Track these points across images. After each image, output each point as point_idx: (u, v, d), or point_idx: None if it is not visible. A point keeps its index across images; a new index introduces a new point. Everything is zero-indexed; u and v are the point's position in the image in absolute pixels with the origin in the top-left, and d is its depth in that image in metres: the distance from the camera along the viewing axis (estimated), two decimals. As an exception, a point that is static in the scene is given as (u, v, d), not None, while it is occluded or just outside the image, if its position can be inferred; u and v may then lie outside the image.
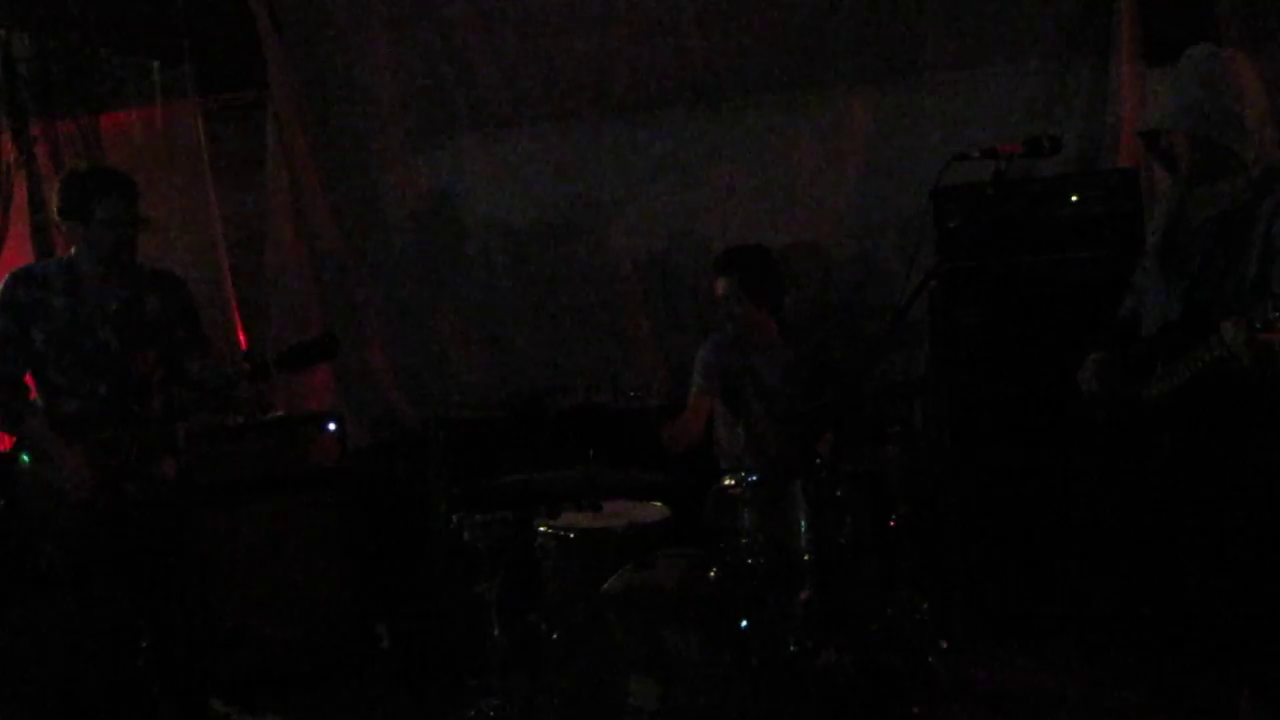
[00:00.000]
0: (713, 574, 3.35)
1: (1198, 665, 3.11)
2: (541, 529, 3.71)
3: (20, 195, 5.31)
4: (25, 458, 3.44)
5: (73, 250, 3.47)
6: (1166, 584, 2.91)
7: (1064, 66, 4.50)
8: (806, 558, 3.32)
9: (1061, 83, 4.52)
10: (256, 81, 5.29)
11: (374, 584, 4.69)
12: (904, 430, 3.59)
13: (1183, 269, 2.79)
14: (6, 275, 3.49)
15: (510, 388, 5.19)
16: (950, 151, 2.84)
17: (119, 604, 3.51)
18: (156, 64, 5.32)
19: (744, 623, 3.20)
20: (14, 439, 3.53)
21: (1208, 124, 2.72)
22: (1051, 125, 4.40)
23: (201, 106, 5.33)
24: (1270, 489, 2.68)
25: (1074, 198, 4.06)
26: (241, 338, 5.34)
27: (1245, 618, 2.78)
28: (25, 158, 5.35)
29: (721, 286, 4.04)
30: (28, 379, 3.48)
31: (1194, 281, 2.73)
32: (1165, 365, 2.73)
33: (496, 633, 3.64)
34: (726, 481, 3.45)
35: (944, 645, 3.82)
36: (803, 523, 3.30)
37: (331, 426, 4.66)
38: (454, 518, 3.67)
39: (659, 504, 3.86)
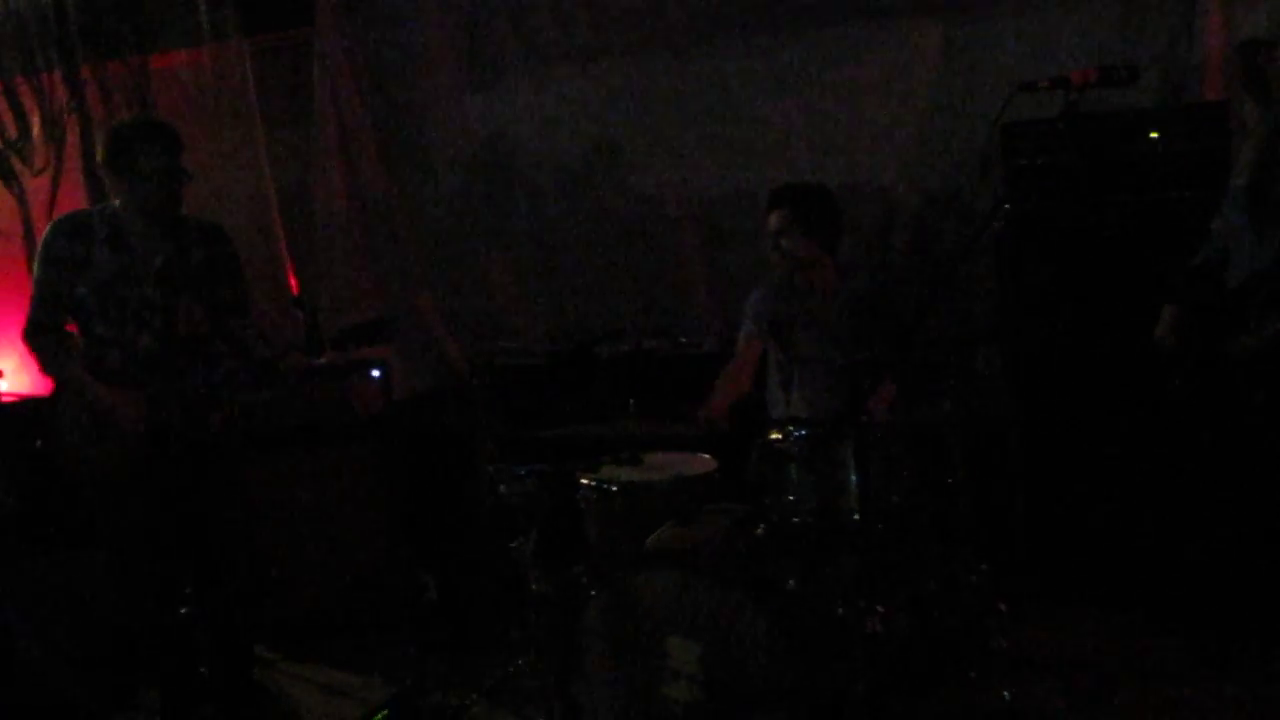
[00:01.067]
0: (759, 531, 3.23)
1: (1272, 634, 2.93)
2: (584, 481, 3.61)
3: (73, 138, 5.37)
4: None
5: (116, 201, 3.41)
6: (1243, 553, 2.71)
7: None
8: (857, 517, 3.16)
9: (1143, 9, 4.24)
10: (303, 20, 5.21)
11: (421, 534, 4.66)
12: (964, 383, 3.39)
13: (1276, 213, 2.56)
14: (50, 224, 3.45)
15: (560, 333, 5.12)
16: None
17: (159, 549, 3.49)
18: (203, 4, 5.26)
19: (790, 584, 3.07)
20: (55, 385, 3.51)
21: None
22: (1131, 56, 4.15)
23: (249, 46, 5.28)
24: None
25: (1154, 134, 3.78)
26: (292, 280, 5.31)
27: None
28: (76, 101, 5.39)
29: (774, 220, 3.83)
30: (71, 328, 3.45)
31: None
32: (1258, 319, 2.51)
33: (534, 587, 3.59)
34: (774, 435, 3.29)
35: (1002, 609, 3.67)
36: (853, 479, 3.14)
37: (376, 374, 4.60)
38: (491, 469, 3.60)
39: (706, 456, 3.74)
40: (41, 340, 3.39)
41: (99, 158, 3.42)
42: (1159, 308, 2.87)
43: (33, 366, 3.50)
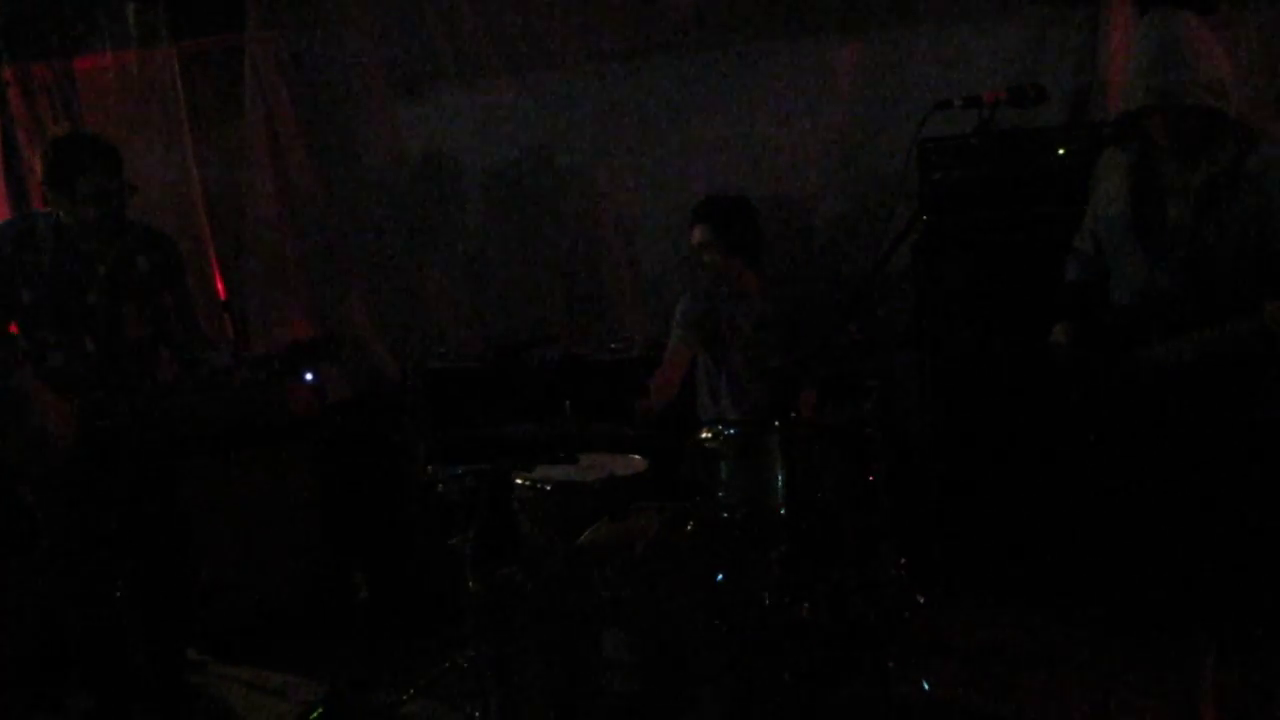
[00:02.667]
0: (689, 527, 3.34)
1: (1172, 624, 3.11)
2: (518, 481, 3.69)
3: (-7, 139, 5.25)
4: None
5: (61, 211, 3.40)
6: (1144, 544, 2.89)
7: (1054, 16, 4.43)
8: (783, 512, 3.29)
9: (1051, 33, 4.45)
10: (234, 25, 5.17)
11: (353, 535, 4.68)
12: (883, 385, 3.55)
13: (1168, 239, 2.73)
14: None
15: (491, 339, 5.16)
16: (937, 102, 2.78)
17: (96, 551, 3.50)
18: (133, 6, 5.21)
19: (719, 576, 3.18)
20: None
21: (1197, 92, 2.62)
22: (1041, 76, 4.35)
23: (178, 51, 5.23)
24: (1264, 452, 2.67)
25: (1060, 150, 4.00)
26: (219, 285, 5.29)
27: (1221, 580, 2.78)
28: (-1, 103, 5.28)
29: (697, 234, 3.98)
30: (14, 330, 3.44)
31: (1188, 250, 2.68)
32: (1167, 334, 2.68)
33: (471, 584, 3.65)
34: (703, 434, 3.42)
35: (920, 601, 3.84)
36: (780, 477, 3.27)
37: (309, 377, 4.60)
38: (429, 469, 3.66)
39: (637, 456, 3.85)
40: None
41: (39, 173, 3.41)
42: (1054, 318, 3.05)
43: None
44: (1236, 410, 2.66)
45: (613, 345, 5.00)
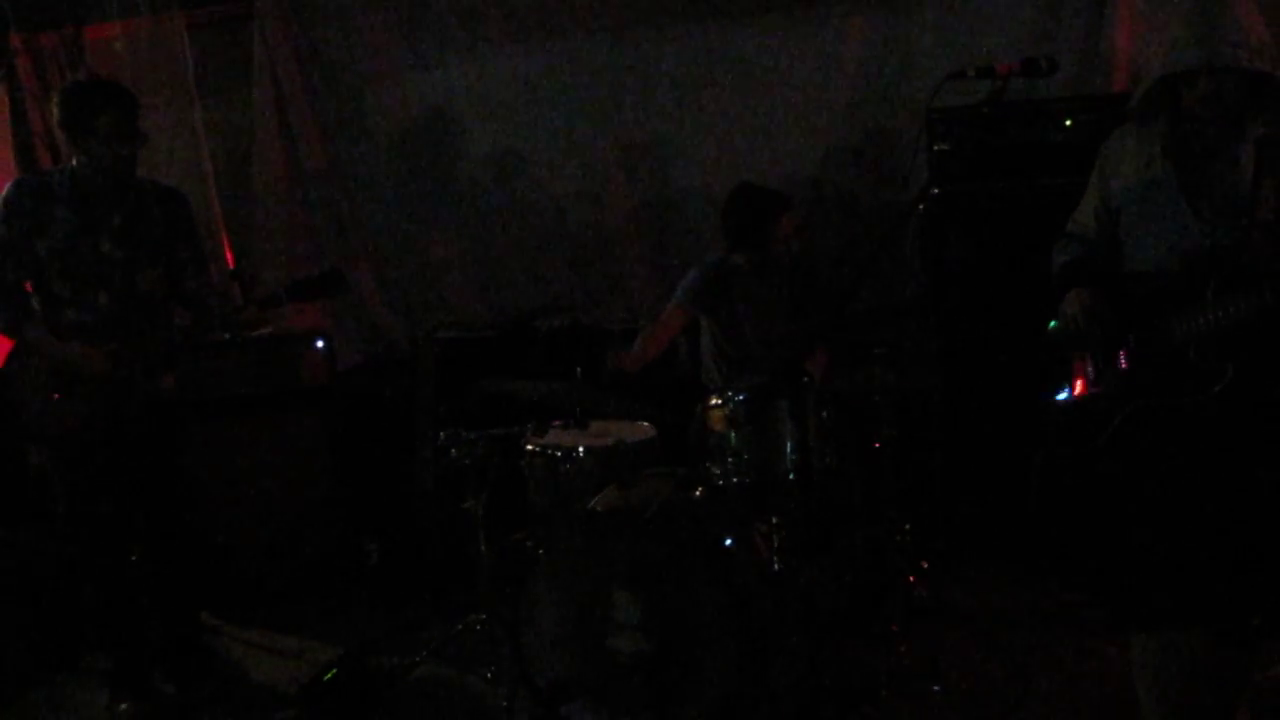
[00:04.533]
0: (698, 492, 3.39)
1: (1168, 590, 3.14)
2: (529, 447, 3.73)
3: (2, 109, 5.24)
4: None
5: (74, 162, 3.43)
6: (1144, 513, 2.91)
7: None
8: (791, 477, 3.34)
9: (1059, 5, 4.46)
10: (243, -8, 5.20)
11: (363, 500, 4.74)
12: (890, 353, 3.60)
13: (1222, 203, 2.67)
14: (9, 183, 3.47)
15: (498, 308, 5.19)
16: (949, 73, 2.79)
17: (111, 516, 3.55)
18: (143, -26, 5.22)
19: (727, 541, 3.24)
20: (12, 345, 3.53)
21: (1233, 56, 2.59)
22: (1049, 49, 4.37)
23: (187, 18, 5.24)
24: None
25: (1068, 122, 4.03)
26: (228, 253, 5.32)
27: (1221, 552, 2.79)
28: (6, 71, 5.28)
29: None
30: (28, 288, 3.48)
31: (1234, 216, 2.64)
32: (1215, 300, 2.61)
33: (483, 548, 3.71)
34: (713, 401, 3.46)
35: (924, 565, 3.89)
36: (788, 443, 3.32)
37: (320, 344, 4.66)
38: (441, 434, 3.71)
39: (646, 423, 3.89)
40: None
41: (53, 119, 3.44)
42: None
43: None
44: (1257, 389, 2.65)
45: (621, 314, 5.03)
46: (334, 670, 3.50)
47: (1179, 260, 2.74)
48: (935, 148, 4.15)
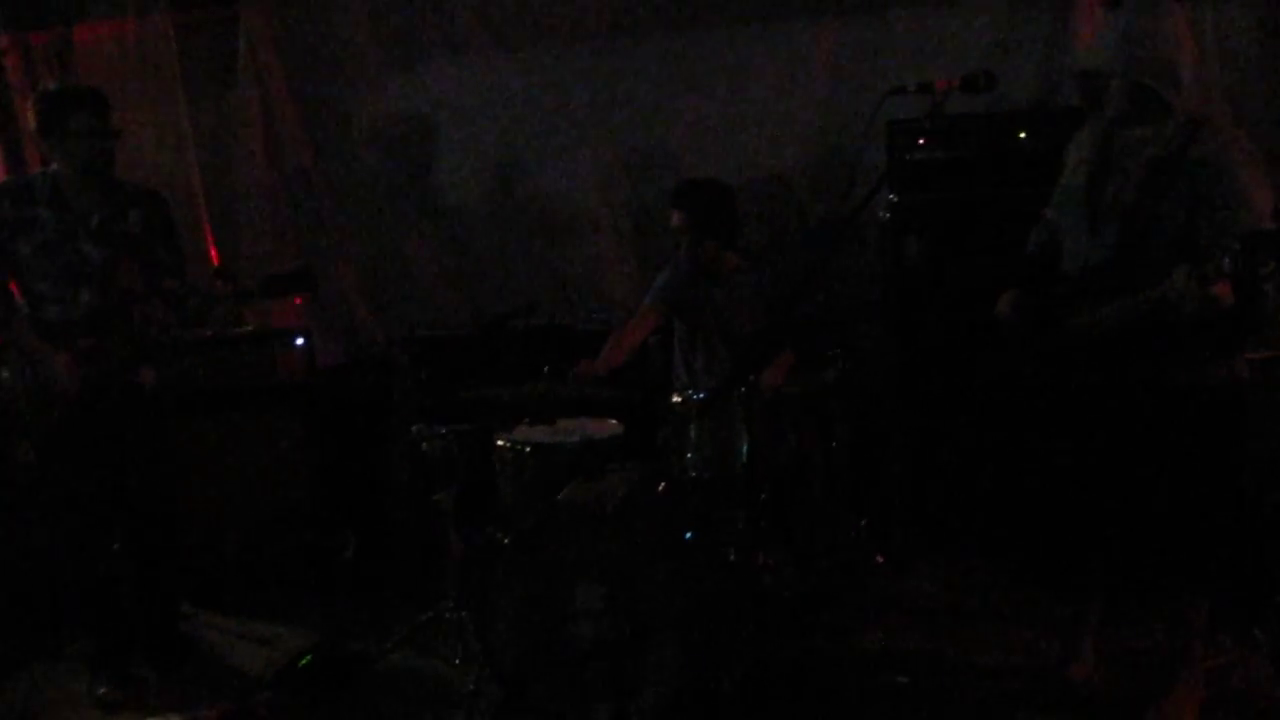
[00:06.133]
0: (660, 487, 3.51)
1: (1122, 579, 3.28)
2: (499, 442, 3.85)
3: (-9, 108, 5.34)
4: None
5: (53, 165, 3.55)
6: (1088, 503, 3.07)
7: (1026, 3, 4.57)
8: (746, 474, 3.46)
9: (1022, 17, 4.59)
10: (230, -3, 5.30)
11: (339, 493, 4.84)
12: (846, 354, 3.72)
13: (1109, 212, 2.89)
14: None
15: (476, 308, 5.30)
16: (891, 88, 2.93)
17: (93, 505, 3.65)
18: (130, -25, 5.31)
19: (688, 534, 3.36)
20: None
21: (1145, 71, 2.77)
22: (1012, 60, 4.53)
23: (173, 20, 5.33)
24: (1179, 414, 2.84)
25: (1022, 134, 4.17)
26: (212, 251, 5.42)
27: (1158, 537, 2.96)
28: (-5, 71, 5.37)
29: (675, 219, 4.12)
30: (12, 287, 3.58)
31: (1124, 225, 2.83)
32: (1095, 304, 2.82)
33: (452, 540, 3.83)
34: (675, 399, 3.59)
35: (879, 560, 4.03)
36: (743, 441, 3.44)
37: (300, 342, 4.77)
38: (414, 429, 3.82)
39: (613, 421, 4.01)
40: None
41: (31, 125, 3.55)
42: (1001, 289, 3.20)
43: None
44: (1152, 377, 2.83)
45: (595, 316, 5.14)
46: (308, 656, 3.60)
47: (1077, 267, 2.93)
48: (896, 157, 4.28)
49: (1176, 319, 2.62)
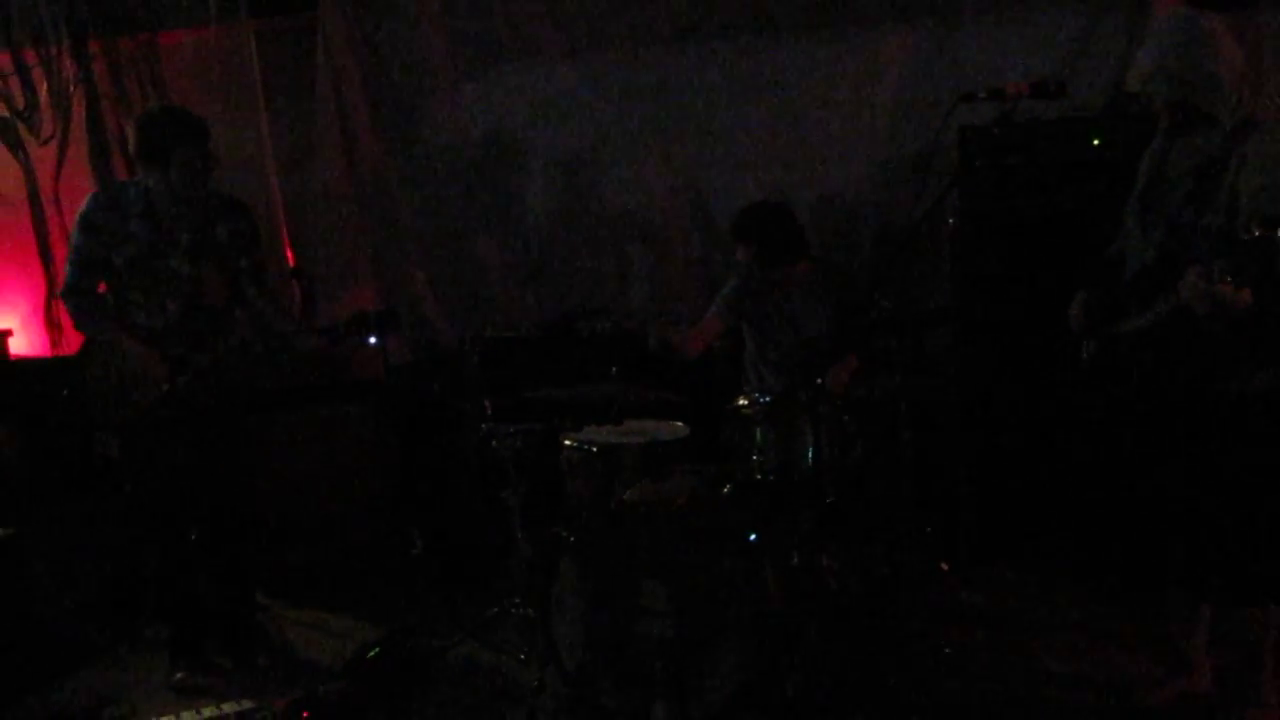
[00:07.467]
0: (725, 489, 3.53)
1: (1180, 589, 3.25)
2: (566, 442, 3.90)
3: (79, 113, 5.47)
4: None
5: (149, 179, 3.65)
6: (1146, 513, 3.04)
7: (1101, 9, 4.54)
8: (812, 477, 3.47)
9: (1095, 24, 4.56)
10: (308, 5, 5.39)
11: (410, 490, 4.93)
12: (913, 360, 3.72)
13: (1158, 218, 2.88)
14: (89, 196, 3.71)
15: (545, 310, 5.36)
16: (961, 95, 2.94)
17: (172, 498, 3.78)
18: (214, -16, 5.46)
19: (752, 536, 3.38)
20: (80, 340, 3.78)
21: (1186, 89, 2.76)
22: (1084, 68, 4.50)
23: (254, 28, 5.46)
24: (1226, 423, 2.82)
25: (1096, 140, 4.12)
26: (289, 255, 5.54)
27: (1210, 545, 2.93)
28: (84, 75, 5.51)
29: (740, 252, 4.13)
30: (101, 288, 3.73)
31: (1168, 230, 2.83)
32: (1138, 308, 2.84)
33: (520, 537, 3.88)
34: (741, 402, 3.62)
35: (943, 568, 4.01)
36: (808, 445, 3.45)
37: (373, 341, 4.84)
38: (484, 427, 3.88)
39: (679, 423, 4.04)
40: (77, 300, 3.68)
41: (131, 148, 3.67)
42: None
43: (40, 328, 3.72)
44: (1201, 385, 2.80)
45: (662, 320, 5.16)
46: (377, 648, 3.68)
47: (1133, 272, 2.92)
48: (968, 163, 4.26)
49: (1209, 325, 2.59)
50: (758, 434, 3.52)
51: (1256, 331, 2.68)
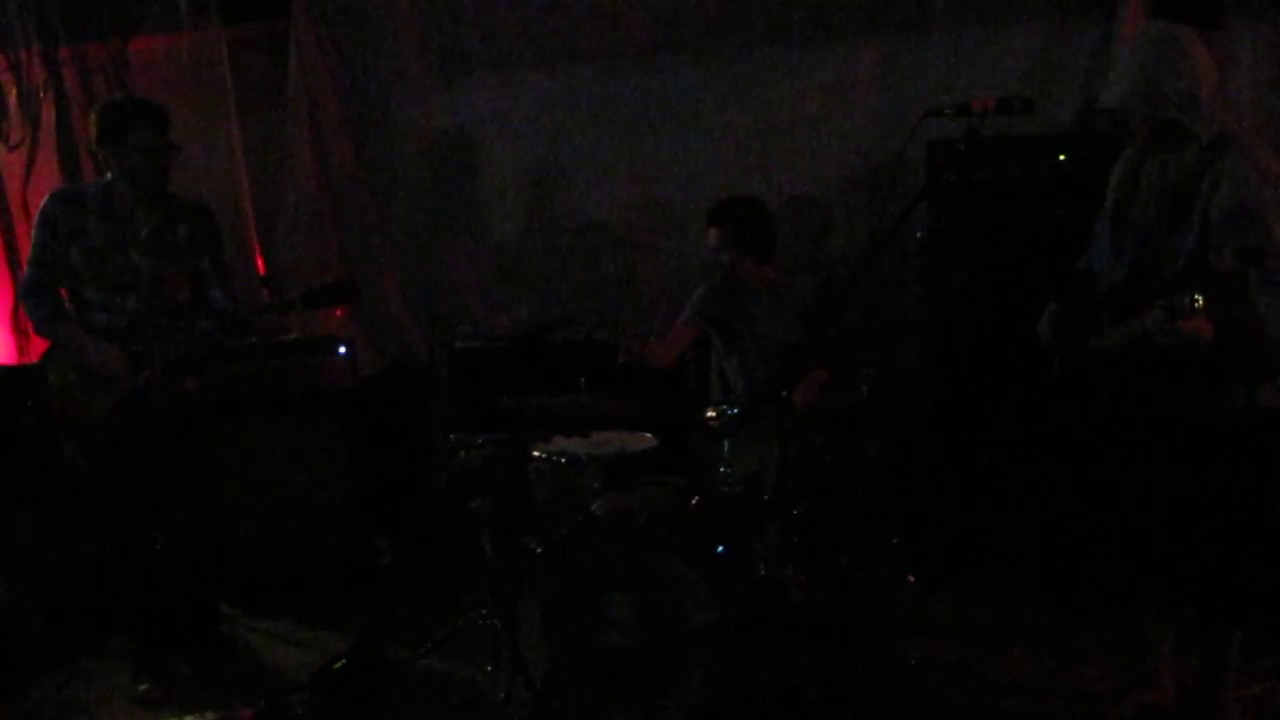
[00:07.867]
0: (693, 501, 3.54)
1: (1149, 601, 3.28)
2: (535, 453, 3.90)
3: (48, 118, 5.43)
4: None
5: (109, 175, 3.66)
6: (1111, 529, 3.07)
7: (1070, 24, 4.58)
8: (779, 489, 3.49)
9: (1064, 39, 4.60)
10: (280, 13, 5.37)
11: (378, 500, 4.92)
12: (879, 372, 3.73)
13: (1130, 234, 2.91)
14: (48, 194, 3.70)
15: (516, 321, 5.36)
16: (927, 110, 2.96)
17: (136, 508, 3.75)
18: (185, -9, 5.43)
19: (719, 548, 3.39)
20: (45, 346, 3.75)
21: (1163, 103, 2.77)
22: (1054, 82, 4.55)
23: (226, 35, 5.44)
24: (1190, 444, 2.84)
25: (1062, 155, 4.17)
26: (260, 262, 5.52)
27: (1173, 565, 2.96)
28: (53, 81, 5.47)
29: (712, 236, 4.17)
30: (61, 293, 3.70)
31: (1139, 248, 2.85)
32: (1109, 325, 2.86)
33: (487, 548, 3.88)
34: (708, 414, 3.63)
35: (910, 580, 4.03)
36: (773, 457, 3.47)
37: (342, 350, 4.85)
38: (452, 438, 3.88)
39: (648, 435, 4.05)
40: (35, 300, 3.66)
41: (91, 135, 3.67)
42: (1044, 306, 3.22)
43: (7, 334, 3.70)
44: (1171, 404, 2.83)
45: (634, 330, 5.16)
46: (344, 659, 3.66)
47: (1104, 289, 2.95)
48: (935, 177, 4.30)
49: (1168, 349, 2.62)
50: (725, 446, 3.53)
51: (1220, 355, 2.70)
